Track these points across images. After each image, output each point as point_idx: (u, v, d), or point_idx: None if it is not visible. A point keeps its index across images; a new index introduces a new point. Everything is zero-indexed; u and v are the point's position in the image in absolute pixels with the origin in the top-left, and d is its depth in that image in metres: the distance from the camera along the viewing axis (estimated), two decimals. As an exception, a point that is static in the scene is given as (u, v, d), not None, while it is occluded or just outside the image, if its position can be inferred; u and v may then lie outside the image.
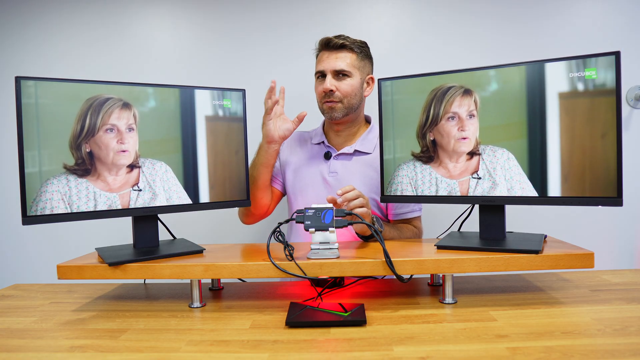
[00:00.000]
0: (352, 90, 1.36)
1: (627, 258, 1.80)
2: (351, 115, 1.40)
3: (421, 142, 1.13)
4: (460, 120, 1.08)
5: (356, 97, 1.38)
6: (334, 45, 1.35)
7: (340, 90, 1.35)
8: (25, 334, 0.89)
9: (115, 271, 0.99)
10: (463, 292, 1.07)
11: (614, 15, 1.75)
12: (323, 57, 1.38)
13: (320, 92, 1.38)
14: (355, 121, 1.45)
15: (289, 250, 0.99)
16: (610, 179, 0.95)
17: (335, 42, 1.35)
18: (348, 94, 1.35)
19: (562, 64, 0.99)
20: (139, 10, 1.84)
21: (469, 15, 1.79)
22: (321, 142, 1.47)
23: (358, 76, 1.37)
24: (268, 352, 0.77)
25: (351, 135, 1.46)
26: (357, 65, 1.37)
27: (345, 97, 1.36)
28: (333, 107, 1.36)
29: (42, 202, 0.98)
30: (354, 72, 1.36)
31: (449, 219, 1.28)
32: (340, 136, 1.46)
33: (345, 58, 1.35)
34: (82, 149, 1.02)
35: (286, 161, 1.49)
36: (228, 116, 1.21)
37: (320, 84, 1.38)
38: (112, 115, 1.04)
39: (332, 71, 1.35)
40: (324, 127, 1.51)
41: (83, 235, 1.81)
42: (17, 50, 1.85)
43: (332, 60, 1.35)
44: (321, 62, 1.38)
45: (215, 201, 1.20)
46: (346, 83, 1.35)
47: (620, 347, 0.74)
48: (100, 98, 1.03)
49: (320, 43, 1.40)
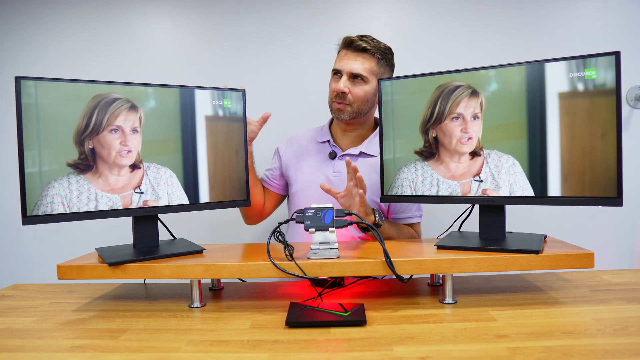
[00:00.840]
0: (364, 96, 1.34)
1: (627, 258, 1.80)
2: (359, 119, 1.39)
3: (424, 138, 1.13)
4: (464, 121, 1.07)
5: (368, 103, 1.36)
6: (356, 47, 1.32)
7: (353, 94, 1.33)
8: (25, 334, 0.89)
9: (115, 271, 0.99)
10: (463, 292, 1.07)
11: (614, 16, 1.75)
12: (343, 55, 1.35)
13: (332, 91, 1.36)
14: (364, 124, 1.44)
15: (289, 250, 0.99)
16: (610, 179, 0.95)
17: (358, 44, 1.32)
18: (360, 98, 1.34)
19: (562, 64, 0.99)
20: (139, 10, 1.84)
21: (469, 15, 1.79)
22: (327, 141, 1.45)
23: (374, 82, 1.34)
24: (268, 352, 0.77)
25: (359, 137, 1.45)
26: (376, 71, 1.34)
27: (356, 102, 1.34)
28: (342, 109, 1.35)
29: (43, 207, 0.98)
30: (370, 78, 1.33)
31: (449, 219, 1.28)
32: (347, 137, 1.45)
33: (364, 62, 1.32)
34: (85, 145, 1.02)
35: (288, 161, 1.48)
36: (228, 116, 1.21)
37: (334, 82, 1.36)
38: (119, 116, 1.04)
39: (348, 73, 1.32)
40: (330, 126, 1.49)
41: (83, 235, 1.81)
42: (17, 50, 1.85)
43: (350, 62, 1.32)
44: (340, 60, 1.35)
45: (215, 201, 1.20)
46: (360, 88, 1.33)
47: (620, 347, 0.74)
48: (108, 97, 1.03)
49: (344, 41, 1.37)
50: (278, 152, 1.53)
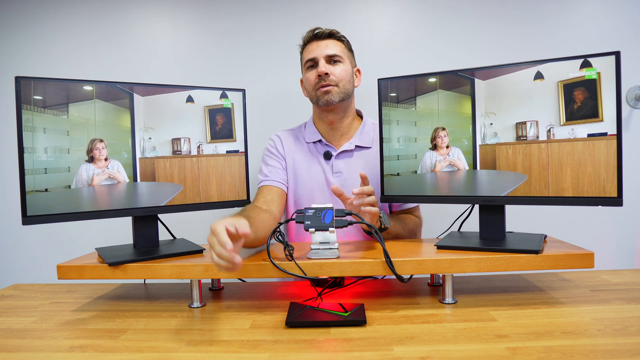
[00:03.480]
0: (346, 75, 1.35)
1: (627, 258, 1.80)
2: (345, 102, 1.37)
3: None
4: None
5: (349, 83, 1.36)
6: (321, 34, 1.35)
7: (335, 75, 1.33)
8: (25, 334, 0.89)
9: (115, 271, 0.99)
10: (463, 292, 1.07)
11: (614, 16, 1.75)
12: (312, 46, 1.36)
13: (314, 78, 1.34)
14: (349, 111, 1.40)
15: (289, 250, 0.99)
16: (610, 179, 0.95)
17: (322, 32, 1.35)
18: (343, 77, 1.34)
19: (562, 64, 0.99)
20: (139, 10, 1.84)
21: (469, 15, 1.79)
22: (318, 141, 1.41)
23: (349, 63, 1.37)
24: (268, 352, 0.77)
25: (347, 129, 1.41)
26: (346, 54, 1.37)
27: (340, 81, 1.33)
28: (329, 90, 1.32)
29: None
30: (345, 59, 1.36)
31: (449, 219, 1.28)
32: (336, 131, 1.40)
33: (335, 45, 1.35)
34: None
35: (288, 162, 1.41)
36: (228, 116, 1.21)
37: (311, 72, 1.35)
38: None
39: (324, 57, 1.33)
40: (315, 124, 1.43)
41: (83, 235, 1.81)
42: (17, 50, 1.85)
43: (322, 48, 1.34)
44: (311, 51, 1.35)
45: (215, 201, 1.20)
46: (340, 68, 1.34)
47: (620, 347, 0.74)
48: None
49: (307, 35, 1.38)
50: (276, 150, 1.42)
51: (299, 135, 1.45)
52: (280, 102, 1.81)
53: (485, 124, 1.08)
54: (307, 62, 1.36)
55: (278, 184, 1.37)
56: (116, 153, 1.08)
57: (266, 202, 1.27)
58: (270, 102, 1.82)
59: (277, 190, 1.35)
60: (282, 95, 1.82)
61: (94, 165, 1.05)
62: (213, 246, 0.81)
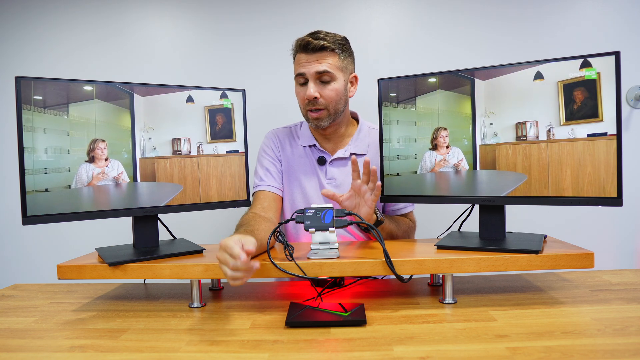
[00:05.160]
0: (336, 96, 1.25)
1: (627, 258, 1.80)
2: (338, 119, 1.31)
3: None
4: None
5: (341, 101, 1.27)
6: (314, 47, 1.21)
7: (325, 97, 1.24)
8: (25, 334, 0.89)
9: (115, 271, 0.99)
10: (463, 292, 1.07)
11: (614, 16, 1.75)
12: (302, 58, 1.24)
13: (302, 99, 1.26)
14: (342, 122, 1.35)
15: (289, 250, 0.99)
16: (610, 179, 0.95)
17: (315, 45, 1.20)
18: (332, 99, 1.24)
19: (562, 64, 0.99)
20: (139, 10, 1.84)
21: (469, 15, 1.79)
22: (312, 145, 1.37)
23: (342, 78, 1.26)
24: (268, 352, 0.77)
25: (342, 136, 1.37)
26: (340, 66, 1.25)
27: (330, 104, 1.25)
28: (319, 117, 1.26)
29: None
30: (337, 75, 1.24)
31: (449, 219, 1.28)
32: (330, 140, 1.37)
33: (326, 60, 1.22)
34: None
35: (282, 168, 1.39)
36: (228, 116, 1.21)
37: (301, 89, 1.26)
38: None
39: (313, 75, 1.22)
40: (310, 127, 1.38)
41: (83, 235, 1.81)
42: (17, 50, 1.85)
43: (312, 64, 1.22)
44: (300, 65, 1.24)
45: (215, 201, 1.20)
46: (330, 88, 1.23)
47: (620, 347, 0.74)
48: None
49: (298, 45, 1.25)
50: (272, 151, 1.40)
51: (295, 135, 1.42)
52: (280, 102, 1.81)
53: (485, 124, 1.08)
54: (297, 76, 1.27)
55: (273, 189, 1.35)
56: (116, 153, 1.08)
57: (264, 209, 1.26)
58: (270, 102, 1.82)
59: (273, 196, 1.33)
60: (282, 95, 1.82)
61: (94, 165, 1.05)
62: (226, 261, 0.86)
